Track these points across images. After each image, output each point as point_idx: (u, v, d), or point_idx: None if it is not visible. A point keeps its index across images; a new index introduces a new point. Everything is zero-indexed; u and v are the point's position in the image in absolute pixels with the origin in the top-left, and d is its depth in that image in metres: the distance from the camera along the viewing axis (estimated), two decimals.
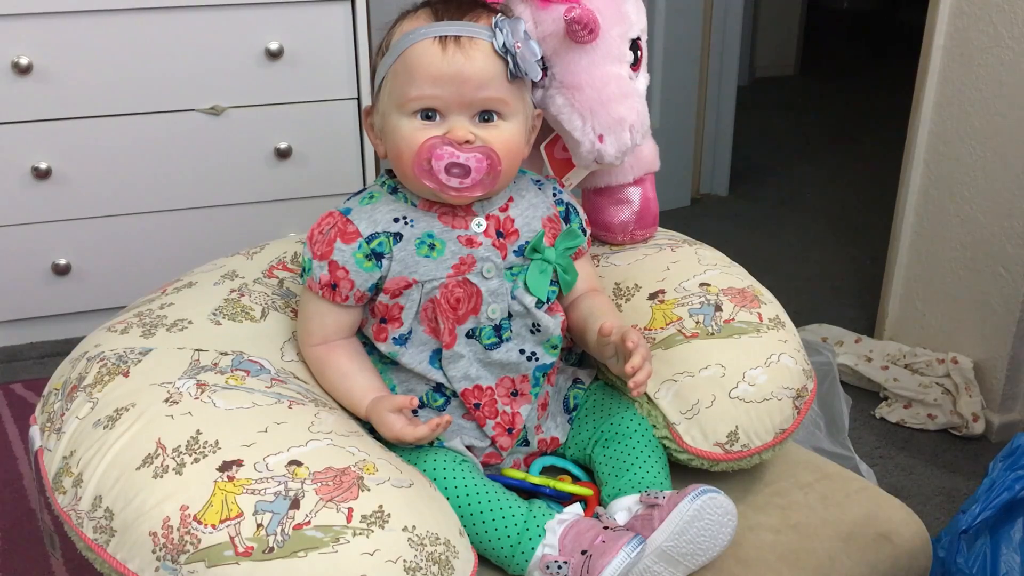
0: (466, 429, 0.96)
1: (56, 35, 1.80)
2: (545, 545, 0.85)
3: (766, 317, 1.03)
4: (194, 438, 0.81)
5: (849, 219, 2.79)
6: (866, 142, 3.45)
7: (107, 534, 0.79)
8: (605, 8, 1.04)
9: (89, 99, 1.86)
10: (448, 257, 0.93)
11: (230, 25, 1.89)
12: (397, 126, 0.91)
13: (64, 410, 0.90)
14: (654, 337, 1.03)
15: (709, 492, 0.85)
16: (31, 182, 1.87)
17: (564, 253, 0.98)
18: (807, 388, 1.02)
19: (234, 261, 1.11)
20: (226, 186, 2.01)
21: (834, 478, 1.04)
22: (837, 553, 0.94)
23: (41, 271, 1.95)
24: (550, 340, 0.96)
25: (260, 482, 0.78)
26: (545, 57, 1.01)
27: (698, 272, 1.09)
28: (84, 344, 0.98)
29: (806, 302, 2.26)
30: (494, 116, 0.91)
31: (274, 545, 0.74)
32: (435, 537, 0.79)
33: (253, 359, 0.95)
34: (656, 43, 2.67)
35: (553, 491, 0.95)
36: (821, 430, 1.63)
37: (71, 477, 0.84)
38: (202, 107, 1.93)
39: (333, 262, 0.92)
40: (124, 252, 1.98)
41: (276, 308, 1.03)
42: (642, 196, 1.17)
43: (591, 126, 1.03)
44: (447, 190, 0.89)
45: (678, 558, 0.84)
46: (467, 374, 0.95)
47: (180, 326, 0.97)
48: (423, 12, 0.92)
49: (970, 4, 1.74)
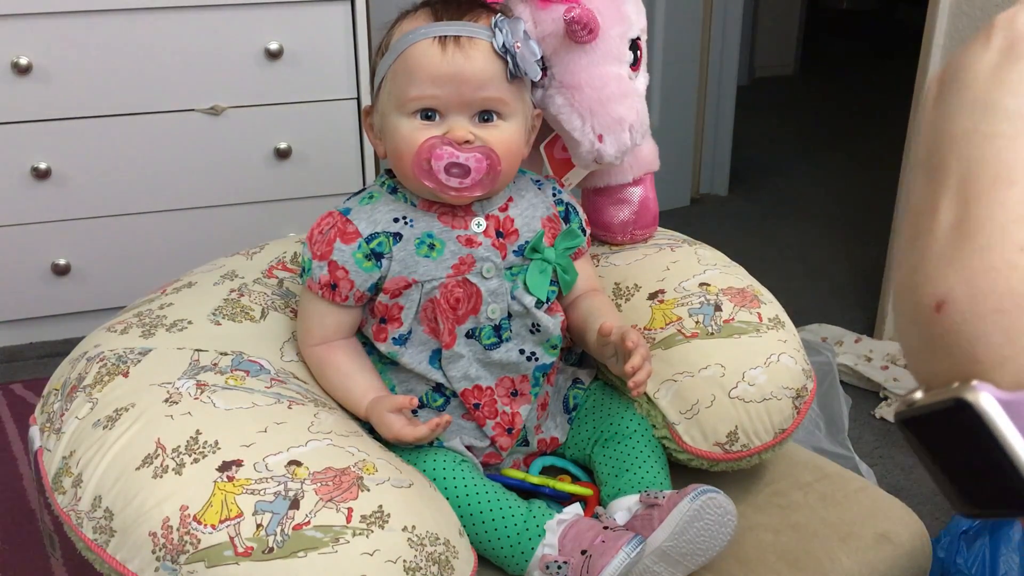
0: (466, 429, 0.96)
1: (56, 35, 1.80)
2: (545, 545, 0.85)
3: (766, 317, 1.03)
4: (194, 438, 0.81)
5: (849, 219, 2.79)
6: (866, 142, 3.45)
7: (107, 534, 0.79)
8: (605, 8, 1.04)
9: (89, 99, 1.86)
10: (448, 257, 0.93)
11: (230, 25, 1.89)
12: (397, 126, 0.91)
13: (64, 410, 0.90)
14: (654, 337, 1.03)
15: (709, 492, 0.85)
16: (31, 182, 1.87)
17: (564, 253, 0.98)
18: (807, 388, 1.02)
19: (234, 261, 1.11)
20: (226, 186, 2.01)
21: (834, 478, 1.04)
22: (837, 553, 0.94)
23: (41, 271, 1.94)
24: (550, 340, 0.96)
25: (260, 482, 0.78)
26: (545, 57, 1.01)
27: (698, 272, 1.09)
28: (84, 344, 0.98)
29: (806, 302, 2.26)
30: (494, 116, 0.91)
31: (274, 545, 0.74)
32: (435, 537, 0.79)
33: (253, 359, 0.95)
34: (656, 43, 2.67)
35: (553, 491, 0.95)
36: (821, 430, 1.63)
37: (71, 477, 0.84)
38: (202, 107, 1.93)
39: (333, 262, 0.92)
40: (124, 252, 1.98)
41: (276, 308, 1.03)
42: (642, 196, 1.17)
43: (590, 126, 1.03)
44: (447, 190, 0.89)
45: (678, 558, 0.84)
46: (467, 374, 0.95)
47: (180, 326, 0.97)
48: (423, 12, 0.92)
49: (970, 4, 1.74)
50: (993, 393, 0.31)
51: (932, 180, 0.37)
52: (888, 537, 0.96)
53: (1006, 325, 0.31)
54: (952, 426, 0.32)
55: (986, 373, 0.32)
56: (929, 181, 0.37)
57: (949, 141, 0.37)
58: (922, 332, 0.34)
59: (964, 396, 0.31)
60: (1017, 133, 0.35)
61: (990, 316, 0.32)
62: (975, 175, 0.34)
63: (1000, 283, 0.32)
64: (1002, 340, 0.31)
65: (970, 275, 0.33)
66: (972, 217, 0.34)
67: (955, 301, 0.33)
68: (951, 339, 0.33)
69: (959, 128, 0.36)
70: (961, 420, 0.31)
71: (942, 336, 0.33)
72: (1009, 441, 0.31)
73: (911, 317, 0.35)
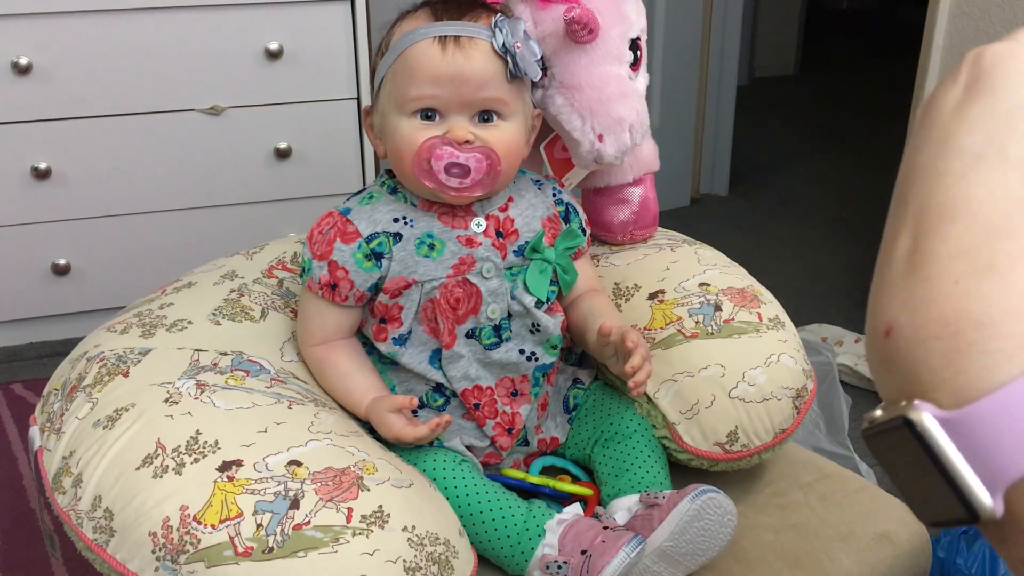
0: (466, 429, 0.96)
1: (56, 35, 1.80)
2: (545, 545, 0.85)
3: (766, 317, 1.03)
4: (194, 438, 0.81)
5: (849, 219, 2.79)
6: (866, 142, 3.45)
7: (107, 534, 0.79)
8: (605, 8, 1.04)
9: (89, 99, 1.86)
10: (448, 257, 0.93)
11: (230, 25, 1.89)
12: (397, 126, 0.91)
13: (64, 410, 0.90)
14: (654, 337, 1.03)
15: (709, 492, 0.85)
16: (31, 182, 1.87)
17: (564, 253, 0.98)
18: (807, 388, 1.02)
19: (234, 261, 1.11)
20: (226, 186, 2.01)
21: (834, 478, 1.04)
22: (837, 553, 0.94)
23: (41, 271, 1.95)
24: (550, 340, 0.96)
25: (260, 482, 0.78)
26: (545, 57, 1.01)
27: (698, 272, 1.09)
28: (84, 344, 0.98)
29: (806, 302, 2.26)
30: (494, 116, 0.91)
31: (274, 545, 0.74)
32: (435, 537, 0.79)
33: (253, 359, 0.95)
34: (656, 43, 2.67)
35: (553, 491, 0.96)
36: (821, 430, 1.63)
37: (71, 477, 0.84)
38: (202, 107, 1.93)
39: (333, 262, 0.92)
40: (124, 252, 1.98)
41: (276, 308, 1.03)
42: (642, 196, 1.17)
43: (590, 126, 1.03)
44: (447, 190, 0.89)
45: (678, 558, 0.84)
46: (467, 374, 0.95)
47: (180, 326, 0.97)
48: (423, 12, 0.92)
49: (970, 4, 1.74)
50: (933, 412, 0.34)
51: (896, 211, 0.40)
52: (888, 537, 0.96)
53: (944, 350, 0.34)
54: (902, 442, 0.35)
55: (928, 393, 0.35)
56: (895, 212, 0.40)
57: (912, 175, 0.40)
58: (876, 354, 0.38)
59: (908, 415, 0.35)
60: (966, 170, 0.37)
61: (930, 342, 0.35)
62: (926, 210, 0.37)
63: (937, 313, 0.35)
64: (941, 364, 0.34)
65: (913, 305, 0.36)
66: (920, 250, 0.37)
67: (900, 328, 0.36)
68: (898, 362, 0.36)
69: (921, 163, 0.39)
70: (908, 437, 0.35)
71: (891, 359, 0.36)
72: (948, 456, 0.34)
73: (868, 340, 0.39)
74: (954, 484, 0.34)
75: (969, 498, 0.34)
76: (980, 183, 0.37)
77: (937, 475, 0.34)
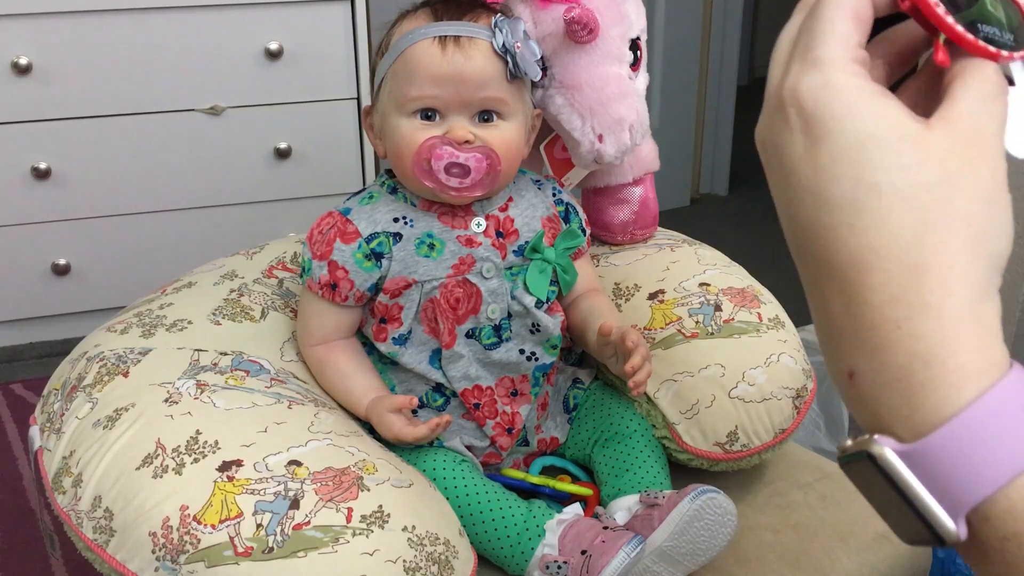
0: (466, 429, 0.96)
1: (56, 35, 1.80)
2: (545, 545, 0.85)
3: (766, 317, 1.03)
4: (194, 438, 0.81)
5: None
6: None
7: (107, 534, 0.79)
8: (605, 8, 1.04)
9: (89, 99, 1.86)
10: (448, 257, 0.93)
11: (230, 25, 1.89)
12: (397, 126, 0.91)
13: (64, 410, 0.90)
14: (654, 337, 1.03)
15: (709, 492, 0.85)
16: (31, 182, 1.87)
17: (564, 253, 0.98)
18: (807, 388, 1.02)
19: (234, 261, 1.11)
20: (226, 186, 2.01)
21: (834, 478, 1.04)
22: (837, 553, 0.94)
23: (41, 271, 1.95)
24: (550, 340, 0.96)
25: (260, 482, 0.78)
26: (545, 57, 1.01)
27: (698, 272, 1.09)
28: (84, 344, 0.98)
29: (806, 302, 2.25)
30: (494, 116, 0.91)
31: (274, 545, 0.74)
32: (435, 537, 0.79)
33: (253, 359, 0.95)
34: (656, 43, 2.67)
35: (553, 491, 0.95)
36: (821, 430, 1.63)
37: (71, 477, 0.84)
38: (202, 107, 1.93)
39: (333, 262, 0.92)
40: (124, 252, 1.98)
41: (276, 308, 1.03)
42: (642, 196, 1.17)
43: (590, 126, 1.03)
44: (447, 190, 0.89)
45: (678, 558, 0.84)
46: (467, 374, 0.95)
47: (180, 326, 0.97)
48: (423, 12, 0.92)
49: None
50: (893, 446, 0.37)
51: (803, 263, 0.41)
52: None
53: (901, 390, 0.37)
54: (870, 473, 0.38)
55: (888, 428, 0.37)
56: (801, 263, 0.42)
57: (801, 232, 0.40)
58: (843, 394, 0.40)
59: (870, 449, 0.37)
60: (852, 220, 0.38)
61: (890, 384, 0.37)
62: (838, 265, 0.39)
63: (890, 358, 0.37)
64: (899, 403, 0.37)
65: (868, 353, 0.38)
66: (853, 302, 0.38)
67: (862, 373, 0.38)
68: (864, 402, 0.38)
69: (805, 219, 0.40)
70: (873, 469, 0.37)
71: (857, 399, 0.39)
72: (912, 486, 0.36)
73: (834, 381, 0.41)
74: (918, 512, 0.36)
75: (934, 524, 0.36)
76: (872, 228, 0.37)
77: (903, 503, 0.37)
